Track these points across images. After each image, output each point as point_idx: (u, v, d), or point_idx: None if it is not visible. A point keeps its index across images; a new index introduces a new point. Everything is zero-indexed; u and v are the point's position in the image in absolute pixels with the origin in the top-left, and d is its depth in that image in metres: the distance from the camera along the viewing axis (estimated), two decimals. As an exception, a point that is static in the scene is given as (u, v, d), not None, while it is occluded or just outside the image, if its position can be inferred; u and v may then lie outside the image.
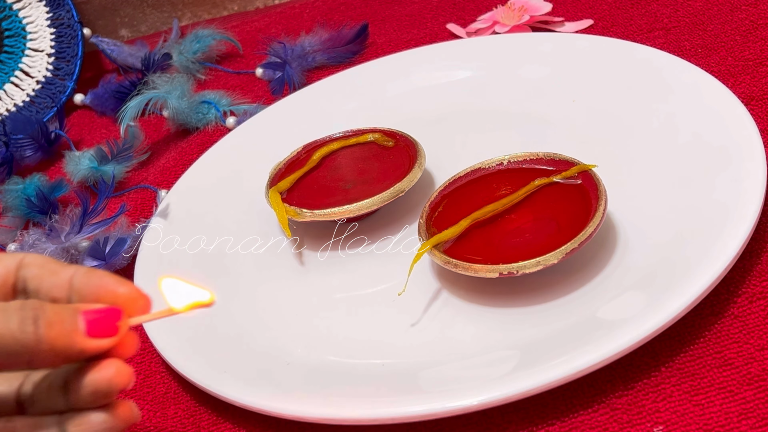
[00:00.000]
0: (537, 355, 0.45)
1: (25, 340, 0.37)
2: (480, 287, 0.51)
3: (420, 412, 0.43)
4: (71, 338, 0.38)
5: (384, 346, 0.50)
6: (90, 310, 0.39)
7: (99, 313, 0.39)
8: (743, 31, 0.65)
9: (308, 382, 0.48)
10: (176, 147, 0.74)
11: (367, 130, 0.62)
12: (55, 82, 0.84)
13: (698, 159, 0.53)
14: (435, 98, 0.68)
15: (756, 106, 0.58)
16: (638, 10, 0.72)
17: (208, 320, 0.53)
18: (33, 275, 0.41)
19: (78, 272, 0.40)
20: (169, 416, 0.50)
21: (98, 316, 0.39)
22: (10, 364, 0.38)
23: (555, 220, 0.51)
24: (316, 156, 0.61)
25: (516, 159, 0.55)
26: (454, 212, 0.53)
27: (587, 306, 0.48)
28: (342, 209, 0.55)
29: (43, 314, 0.38)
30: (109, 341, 0.39)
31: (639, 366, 0.45)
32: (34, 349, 0.37)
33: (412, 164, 0.57)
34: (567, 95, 0.63)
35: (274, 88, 0.78)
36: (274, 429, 0.47)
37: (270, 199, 0.58)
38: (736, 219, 0.47)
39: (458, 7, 0.81)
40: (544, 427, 0.44)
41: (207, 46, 0.83)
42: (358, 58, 0.78)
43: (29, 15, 0.84)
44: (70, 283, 0.40)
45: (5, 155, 0.75)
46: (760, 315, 0.46)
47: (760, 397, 0.42)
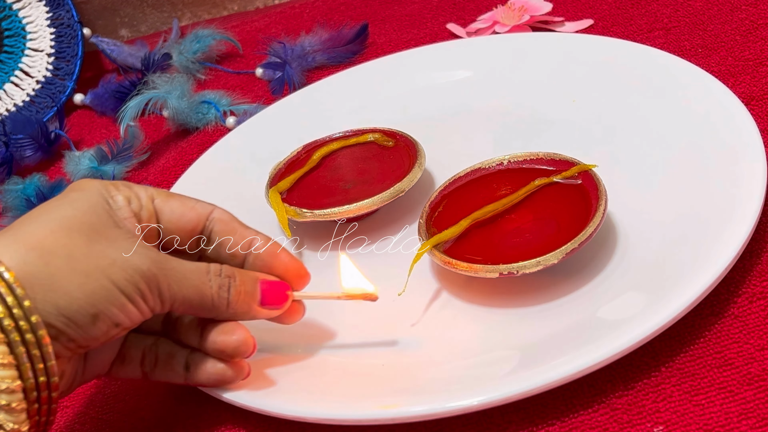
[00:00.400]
0: (537, 355, 0.45)
1: (218, 301, 0.45)
2: (480, 287, 0.51)
3: (420, 412, 0.43)
4: (250, 305, 0.45)
5: (384, 346, 0.50)
6: (266, 281, 0.46)
7: (273, 285, 0.46)
8: (743, 31, 0.65)
9: (308, 382, 0.48)
10: (176, 147, 0.74)
11: (367, 130, 0.62)
12: (55, 82, 0.84)
13: (698, 159, 0.53)
14: (435, 98, 0.68)
15: (756, 106, 0.58)
16: (638, 10, 0.72)
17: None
18: (219, 230, 0.47)
19: (257, 238, 0.47)
20: (169, 416, 0.50)
21: (272, 288, 0.46)
22: (198, 313, 0.45)
23: (555, 220, 0.51)
24: (316, 156, 0.61)
25: (516, 159, 0.55)
26: (454, 212, 0.53)
27: (587, 306, 0.48)
28: (342, 209, 0.55)
29: (233, 282, 0.45)
30: (277, 311, 0.46)
31: (639, 366, 0.45)
32: (222, 308, 0.45)
33: (412, 164, 0.57)
34: (567, 95, 0.63)
35: (274, 88, 0.78)
36: (274, 429, 0.47)
37: (270, 199, 0.58)
38: (736, 219, 0.47)
39: (458, 7, 0.81)
40: (544, 427, 0.44)
41: (207, 46, 0.83)
42: (358, 58, 0.78)
43: (29, 15, 0.84)
44: (249, 245, 0.46)
45: (5, 155, 0.75)
46: (760, 315, 0.46)
47: (761, 397, 0.42)
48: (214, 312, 0.45)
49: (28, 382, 0.39)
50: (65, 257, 0.41)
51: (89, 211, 0.43)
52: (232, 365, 0.46)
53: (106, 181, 0.45)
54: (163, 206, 0.46)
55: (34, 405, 0.39)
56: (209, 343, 0.46)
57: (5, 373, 0.38)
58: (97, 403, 0.52)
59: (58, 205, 0.43)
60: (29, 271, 0.39)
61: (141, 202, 0.45)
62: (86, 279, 0.41)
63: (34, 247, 0.40)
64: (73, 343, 0.41)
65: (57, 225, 0.42)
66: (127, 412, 0.51)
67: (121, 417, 0.51)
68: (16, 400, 0.38)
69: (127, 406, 0.51)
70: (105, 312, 0.41)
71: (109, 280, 0.41)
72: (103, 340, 0.42)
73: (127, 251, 0.42)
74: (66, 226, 0.42)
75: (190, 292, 0.44)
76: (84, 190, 0.44)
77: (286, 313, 0.47)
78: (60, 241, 0.41)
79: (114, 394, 0.52)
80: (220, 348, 0.46)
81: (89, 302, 0.40)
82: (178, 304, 0.44)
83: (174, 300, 0.44)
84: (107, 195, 0.44)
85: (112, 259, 0.42)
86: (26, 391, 0.39)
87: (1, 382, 0.38)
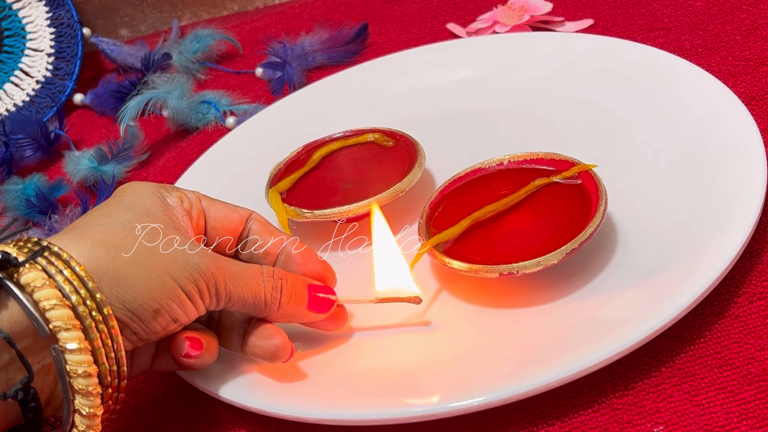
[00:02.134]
0: (537, 355, 0.45)
1: (270, 302, 0.46)
2: (480, 287, 0.51)
3: (420, 412, 0.43)
4: (299, 308, 0.47)
5: (384, 346, 0.50)
6: (314, 286, 0.48)
7: (320, 289, 0.48)
8: (743, 31, 0.65)
9: (308, 382, 0.48)
10: (176, 147, 0.74)
11: (366, 130, 0.62)
12: (55, 82, 0.84)
13: (698, 159, 0.53)
14: (435, 98, 0.68)
15: (756, 106, 0.58)
16: (638, 10, 0.72)
17: (208, 320, 0.53)
18: (256, 230, 0.49)
19: (291, 241, 0.49)
20: (169, 416, 0.50)
21: (319, 291, 0.48)
22: (250, 312, 0.47)
23: (555, 220, 0.51)
24: (316, 156, 0.61)
25: (516, 159, 0.55)
26: (454, 212, 0.53)
27: (587, 306, 0.48)
28: (342, 209, 0.55)
29: (285, 285, 0.47)
30: (323, 314, 0.48)
31: (639, 366, 0.45)
32: (273, 308, 0.46)
33: (412, 164, 0.57)
34: (567, 95, 0.63)
35: (274, 88, 0.77)
36: (274, 429, 0.47)
37: (270, 199, 0.58)
38: (736, 219, 0.47)
39: (458, 7, 0.81)
40: (544, 427, 0.43)
41: (207, 46, 0.83)
42: (358, 58, 0.78)
43: (29, 15, 0.84)
44: (281, 245, 0.49)
45: (5, 155, 0.75)
46: (760, 315, 0.46)
47: (761, 398, 0.42)
48: (265, 312, 0.47)
49: (102, 367, 0.40)
50: (130, 254, 0.42)
51: (149, 211, 0.45)
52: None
53: (155, 183, 0.47)
54: (210, 207, 0.49)
55: (107, 390, 0.41)
56: (249, 347, 0.47)
57: (82, 358, 0.39)
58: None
59: (116, 208, 0.45)
60: (97, 266, 0.41)
61: (191, 202, 0.48)
62: (149, 275, 0.42)
63: (101, 243, 0.42)
64: (135, 337, 0.43)
65: (120, 225, 0.44)
66: (127, 412, 0.51)
67: (121, 417, 0.51)
68: (92, 385, 0.40)
69: (128, 406, 0.51)
70: (166, 307, 0.43)
71: (170, 276, 0.43)
72: (161, 334, 0.44)
73: (186, 250, 0.44)
74: (128, 226, 0.44)
75: (245, 290, 0.46)
76: (138, 192, 0.46)
77: (330, 318, 0.49)
78: (124, 239, 0.43)
79: (114, 394, 0.52)
80: (260, 353, 0.47)
81: (152, 297, 0.42)
82: (233, 302, 0.45)
83: (229, 298, 0.45)
84: (162, 195, 0.47)
85: (173, 257, 0.43)
86: (100, 377, 0.40)
87: (78, 366, 0.39)
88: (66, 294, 0.40)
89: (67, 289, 0.40)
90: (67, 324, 0.39)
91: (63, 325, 0.39)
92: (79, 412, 0.40)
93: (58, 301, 0.39)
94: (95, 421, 0.41)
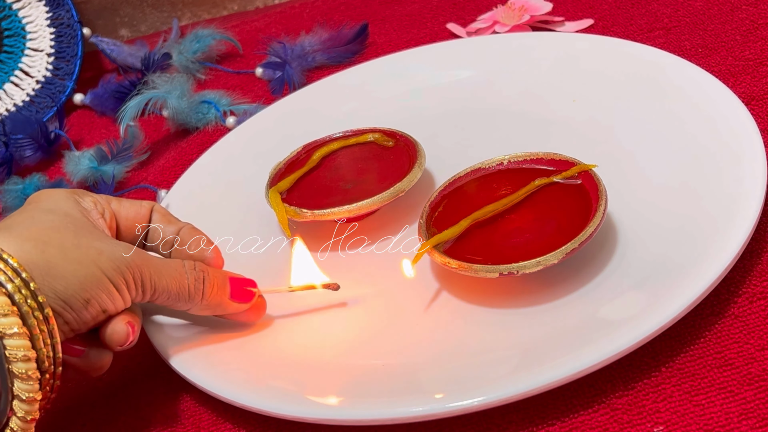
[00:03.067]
0: (537, 355, 0.45)
1: (194, 293, 0.48)
2: (480, 287, 0.51)
3: (420, 412, 0.43)
4: (221, 298, 0.49)
5: (384, 346, 0.50)
6: (234, 278, 0.50)
7: (240, 281, 0.50)
8: (743, 31, 0.65)
9: (308, 383, 0.48)
10: (176, 147, 0.74)
11: (366, 130, 0.62)
12: (55, 82, 0.84)
13: (698, 159, 0.53)
14: (435, 98, 0.68)
15: (756, 106, 0.58)
16: (638, 10, 0.72)
17: (208, 321, 0.53)
18: (157, 219, 0.52)
19: (185, 227, 0.52)
20: (169, 416, 0.50)
21: (240, 283, 0.50)
22: (176, 304, 0.48)
23: (555, 220, 0.51)
24: (316, 156, 0.61)
25: (516, 159, 0.55)
26: (454, 212, 0.53)
27: (587, 306, 0.48)
28: (342, 209, 0.55)
29: (207, 276, 0.49)
30: (245, 306, 0.50)
31: (639, 366, 0.45)
32: (197, 299, 0.49)
33: (412, 164, 0.57)
34: (567, 95, 0.63)
35: (274, 88, 0.77)
36: (274, 429, 0.47)
37: (270, 199, 0.58)
38: (736, 219, 0.47)
39: (458, 7, 0.81)
40: (544, 427, 0.44)
41: (207, 46, 0.83)
42: (358, 58, 0.78)
43: (29, 15, 0.84)
44: (178, 232, 0.51)
45: (5, 155, 0.75)
46: (760, 315, 0.46)
47: (761, 398, 0.42)
48: (190, 303, 0.49)
49: (40, 353, 0.41)
50: (58, 247, 0.44)
51: (68, 213, 0.47)
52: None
53: (68, 189, 0.50)
54: (119, 208, 0.51)
55: (45, 376, 0.42)
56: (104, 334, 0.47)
57: (20, 342, 0.41)
58: (98, 404, 0.52)
59: (36, 211, 0.47)
60: (28, 259, 0.43)
61: (103, 206, 0.50)
62: (79, 266, 0.44)
63: (29, 239, 0.44)
64: (67, 327, 0.44)
65: (44, 225, 0.46)
66: (127, 412, 0.51)
67: (121, 417, 0.51)
68: (32, 369, 0.41)
69: (128, 406, 0.51)
70: (96, 297, 0.44)
71: (98, 268, 0.45)
72: (91, 325, 0.45)
73: (110, 244, 0.46)
74: (52, 225, 0.46)
75: (170, 283, 0.47)
76: (54, 197, 0.48)
77: (251, 309, 0.51)
78: (51, 235, 0.45)
79: (114, 394, 0.52)
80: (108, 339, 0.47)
81: (82, 287, 0.44)
82: (158, 293, 0.47)
83: (155, 290, 0.47)
84: (76, 200, 0.49)
85: (100, 250, 0.45)
86: (38, 362, 0.41)
87: (17, 351, 0.40)
88: (1, 283, 0.41)
89: (1, 279, 0.41)
90: (5, 310, 0.40)
91: (1, 311, 0.40)
92: (19, 397, 0.41)
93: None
94: (34, 406, 0.41)
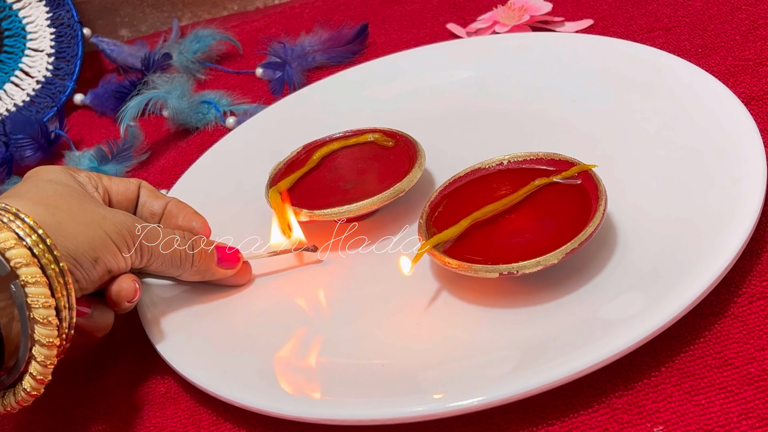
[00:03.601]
0: (537, 355, 0.45)
1: (185, 259, 0.52)
2: (480, 287, 0.51)
3: (420, 412, 0.43)
4: (209, 264, 0.53)
5: (384, 346, 0.50)
6: (220, 245, 0.54)
7: (226, 249, 0.54)
8: (743, 31, 0.65)
9: (308, 383, 0.48)
10: (176, 147, 0.74)
11: (366, 130, 0.62)
12: (55, 82, 0.84)
13: (698, 159, 0.53)
14: (435, 98, 0.68)
15: (756, 106, 0.58)
16: (638, 10, 0.72)
17: (209, 321, 0.53)
18: (144, 194, 0.55)
19: (172, 201, 0.56)
20: (169, 416, 0.50)
21: (225, 252, 0.54)
22: (168, 269, 0.52)
23: (555, 220, 0.51)
24: (316, 156, 0.61)
25: (516, 159, 0.55)
26: (454, 212, 0.53)
27: (587, 306, 0.48)
28: (342, 209, 0.55)
29: (196, 244, 0.53)
30: (232, 271, 0.54)
31: (639, 366, 0.45)
32: (187, 266, 0.52)
33: (412, 164, 0.57)
34: (567, 95, 0.63)
35: (274, 88, 0.77)
36: (274, 429, 0.47)
37: (270, 199, 0.58)
38: (736, 219, 0.47)
39: (458, 7, 0.81)
40: (544, 427, 0.44)
41: (207, 46, 0.83)
42: (358, 58, 0.78)
43: (29, 15, 0.84)
44: (166, 206, 0.55)
45: (5, 155, 0.75)
46: (760, 315, 0.46)
47: (761, 397, 0.42)
48: (181, 269, 0.52)
49: (59, 301, 0.44)
50: (66, 211, 0.47)
51: (67, 186, 0.50)
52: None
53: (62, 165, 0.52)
54: (110, 183, 0.54)
55: (62, 324, 0.44)
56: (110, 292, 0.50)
57: (40, 290, 0.43)
58: (99, 404, 0.52)
59: (37, 182, 0.49)
60: (41, 220, 0.45)
61: (96, 181, 0.53)
62: (86, 228, 0.47)
63: (39, 203, 0.47)
64: (77, 285, 0.46)
65: (50, 192, 0.49)
66: (127, 412, 0.51)
67: (121, 417, 0.51)
68: (51, 316, 0.43)
69: (128, 406, 0.51)
70: (102, 257, 0.48)
71: (103, 231, 0.48)
72: (97, 284, 0.48)
73: (111, 210, 0.50)
74: (57, 193, 0.49)
75: (164, 249, 0.51)
76: (52, 172, 0.51)
77: (238, 273, 0.55)
78: (58, 200, 0.48)
79: (113, 394, 0.52)
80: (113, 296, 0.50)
81: (91, 247, 0.47)
82: (153, 258, 0.51)
83: (151, 254, 0.50)
84: (72, 175, 0.52)
85: (103, 215, 0.49)
86: (57, 309, 0.44)
87: (38, 297, 0.43)
88: (21, 237, 0.43)
89: (21, 233, 0.43)
90: (27, 260, 0.43)
91: (23, 261, 0.42)
92: (39, 342, 0.43)
93: (16, 242, 0.43)
94: (53, 351, 0.43)
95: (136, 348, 0.55)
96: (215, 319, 0.53)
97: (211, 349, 0.51)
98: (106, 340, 0.56)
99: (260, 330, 0.52)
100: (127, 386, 0.53)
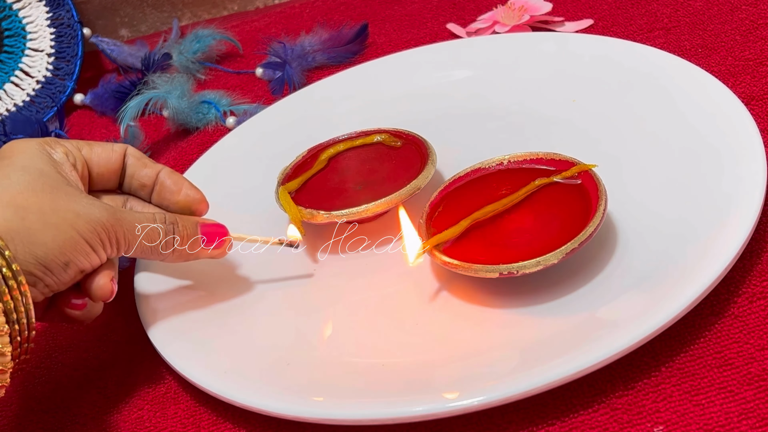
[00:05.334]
0: (537, 355, 0.45)
1: (166, 246, 0.50)
2: (480, 287, 0.51)
3: (420, 412, 0.43)
4: (194, 246, 0.51)
5: (384, 346, 0.50)
6: (206, 224, 0.52)
7: (212, 227, 0.52)
8: (743, 31, 0.65)
9: (309, 383, 0.48)
10: (176, 147, 0.74)
11: (373, 131, 0.62)
12: (55, 82, 0.84)
13: (698, 159, 0.53)
14: (435, 98, 0.68)
15: (756, 106, 0.58)
16: (638, 10, 0.72)
17: (209, 320, 0.53)
18: (131, 163, 0.53)
19: (164, 170, 0.53)
20: (169, 416, 0.50)
21: (211, 229, 0.52)
22: (150, 256, 0.50)
23: (555, 220, 0.51)
24: (323, 157, 0.61)
25: (516, 159, 0.55)
26: (454, 212, 0.53)
27: (587, 306, 0.48)
28: (360, 209, 0.55)
29: (177, 227, 0.51)
30: (217, 252, 0.52)
31: (639, 366, 0.45)
32: (167, 254, 0.50)
33: (425, 162, 0.57)
34: (567, 95, 0.63)
35: (274, 88, 0.77)
36: (274, 429, 0.47)
37: (281, 199, 0.57)
38: (736, 219, 0.47)
39: (458, 7, 0.81)
40: (544, 427, 0.44)
41: (207, 46, 0.83)
42: (358, 58, 0.78)
43: (29, 15, 0.84)
44: (157, 176, 0.53)
45: (5, 155, 0.75)
46: (760, 315, 0.46)
47: (761, 397, 0.42)
48: (163, 255, 0.51)
49: (11, 315, 0.43)
50: (37, 212, 0.45)
51: (41, 174, 0.48)
52: None
53: (38, 138, 0.50)
54: (91, 154, 0.52)
55: (16, 338, 0.43)
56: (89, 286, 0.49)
57: None
58: (98, 403, 0.52)
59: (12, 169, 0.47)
60: (9, 227, 0.44)
61: (74, 155, 0.51)
62: (58, 231, 0.45)
63: (9, 204, 0.45)
64: (47, 289, 0.46)
65: (22, 186, 0.46)
66: (127, 412, 0.51)
67: (121, 417, 0.51)
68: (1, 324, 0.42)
69: (127, 406, 0.51)
70: (74, 260, 0.46)
71: (76, 231, 0.46)
72: (69, 284, 0.47)
73: (86, 205, 0.47)
74: (30, 187, 0.46)
75: (143, 238, 0.49)
76: (27, 152, 0.49)
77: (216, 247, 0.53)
78: (30, 199, 0.46)
79: (113, 394, 0.52)
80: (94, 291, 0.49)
81: (62, 252, 0.45)
82: (131, 249, 0.49)
83: (128, 246, 0.49)
84: (49, 152, 0.49)
85: (77, 213, 0.46)
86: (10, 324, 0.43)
87: None
88: None
89: None
90: None
91: None
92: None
93: None
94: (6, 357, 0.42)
95: (136, 348, 0.55)
96: (215, 319, 0.53)
97: (211, 349, 0.51)
98: (106, 340, 0.56)
99: (260, 330, 0.52)
100: (127, 386, 0.53)
